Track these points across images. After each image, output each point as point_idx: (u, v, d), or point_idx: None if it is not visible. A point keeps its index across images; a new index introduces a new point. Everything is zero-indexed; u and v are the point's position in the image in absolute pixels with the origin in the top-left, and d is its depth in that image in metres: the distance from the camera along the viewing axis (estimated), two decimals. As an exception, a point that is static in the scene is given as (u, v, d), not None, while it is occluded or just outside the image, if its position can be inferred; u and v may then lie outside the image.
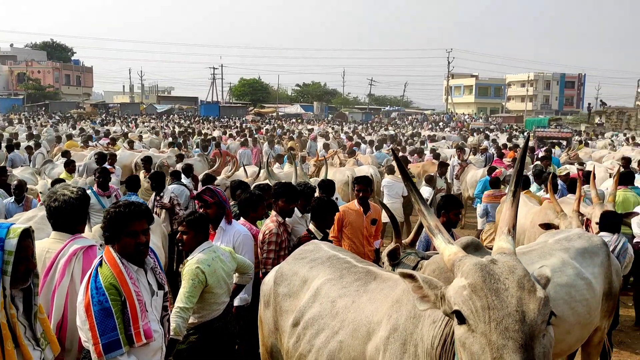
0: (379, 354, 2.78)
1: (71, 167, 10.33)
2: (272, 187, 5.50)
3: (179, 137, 22.02)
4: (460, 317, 2.09)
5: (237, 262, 4.33)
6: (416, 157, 16.07)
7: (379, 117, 63.81)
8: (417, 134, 29.79)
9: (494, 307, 2.00)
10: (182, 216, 4.44)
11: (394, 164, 11.93)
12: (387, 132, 32.80)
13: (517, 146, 19.49)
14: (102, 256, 3.04)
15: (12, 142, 15.86)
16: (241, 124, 38.76)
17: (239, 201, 5.66)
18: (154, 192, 8.17)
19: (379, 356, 2.78)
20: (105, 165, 10.20)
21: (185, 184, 9.08)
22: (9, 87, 72.45)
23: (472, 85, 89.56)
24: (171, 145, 18.37)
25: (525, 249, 4.66)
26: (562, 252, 4.47)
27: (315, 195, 6.15)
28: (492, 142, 22.88)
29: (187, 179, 9.88)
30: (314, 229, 5.14)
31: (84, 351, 3.05)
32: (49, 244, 3.55)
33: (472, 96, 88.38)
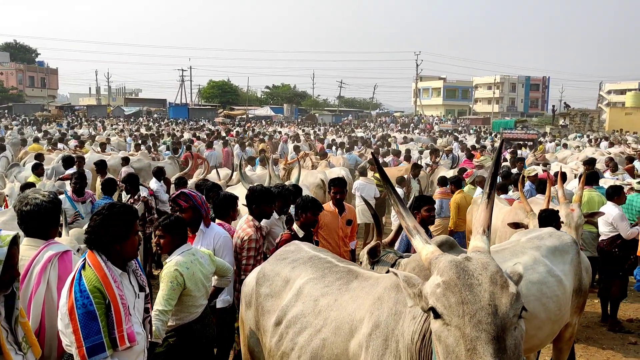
0: (362, 350, 2.84)
1: (39, 170, 10.15)
2: (248, 190, 5.47)
3: (149, 139, 21.77)
4: (435, 312, 2.17)
5: (216, 265, 4.33)
6: (395, 159, 16.22)
7: (349, 119, 64.07)
8: (387, 136, 30.04)
9: (467, 302, 2.08)
10: (156, 219, 4.44)
11: (369, 165, 12.06)
12: (356, 134, 32.99)
13: (484, 147, 19.88)
14: (85, 259, 3.02)
15: (-25, 146, 15.48)
16: (215, 128, 38.40)
17: (214, 202, 5.64)
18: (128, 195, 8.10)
19: (361, 353, 2.84)
20: (72, 168, 10.06)
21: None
22: (-30, 89, 70.57)
23: (440, 87, 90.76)
24: (137, 147, 18.19)
25: (497, 248, 4.78)
26: (534, 250, 4.60)
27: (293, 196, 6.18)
28: (460, 143, 23.26)
29: (158, 182, 9.81)
30: (296, 228, 5.17)
31: (65, 355, 3.03)
32: (22, 250, 3.47)
33: (440, 98, 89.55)
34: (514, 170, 12.06)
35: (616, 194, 7.50)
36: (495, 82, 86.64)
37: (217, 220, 5.44)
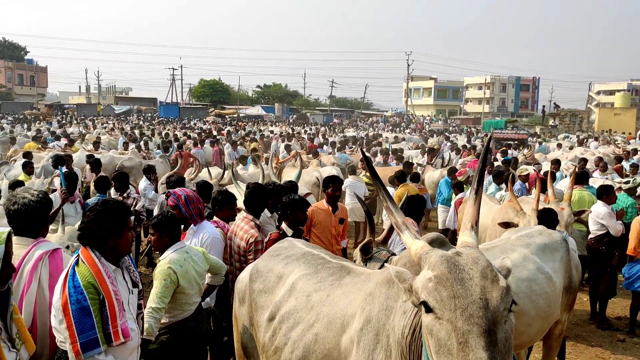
0: (353, 345, 2.86)
1: (29, 168, 10.12)
2: (246, 188, 5.46)
3: (140, 138, 21.70)
4: (427, 307, 2.19)
5: (210, 262, 4.32)
6: (383, 158, 16.29)
7: (340, 119, 64.14)
8: (378, 136, 30.13)
9: (459, 296, 2.11)
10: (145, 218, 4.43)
11: (360, 164, 12.11)
12: (348, 133, 33.06)
13: (474, 147, 19.99)
14: (78, 255, 3.02)
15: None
16: (206, 127, 38.28)
17: (212, 199, 5.64)
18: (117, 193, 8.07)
19: (353, 347, 2.87)
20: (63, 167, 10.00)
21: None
22: (-42, 87, 70.02)
23: (431, 87, 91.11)
24: (125, 145, 18.14)
25: (488, 245, 4.83)
26: (524, 248, 4.64)
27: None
28: (451, 143, 23.38)
29: (147, 180, 9.79)
30: (285, 227, 5.18)
31: (58, 352, 3.04)
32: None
33: (431, 98, 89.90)
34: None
35: (605, 193, 7.59)
36: (485, 82, 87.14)
37: (214, 217, 5.43)
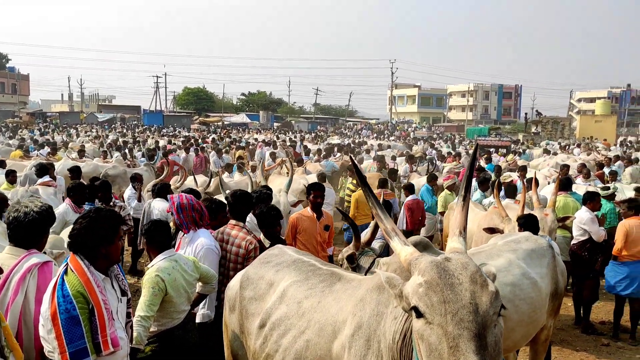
0: (345, 351, 2.88)
1: (12, 177, 9.99)
2: (230, 195, 5.44)
3: (124, 146, 21.55)
4: (417, 312, 2.22)
5: (200, 271, 4.28)
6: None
7: (326, 126, 64.23)
8: (363, 143, 30.21)
9: (449, 301, 2.14)
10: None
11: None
12: (332, 141, 33.11)
13: (459, 154, 20.15)
14: (67, 264, 3.00)
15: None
16: (191, 135, 38.11)
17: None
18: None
19: (344, 353, 2.88)
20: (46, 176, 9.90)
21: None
22: (-63, 95, 69.01)
23: (414, 95, 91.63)
24: (104, 154, 18.01)
25: (474, 251, 4.87)
26: (510, 253, 4.69)
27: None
28: (436, 150, 23.54)
29: (132, 189, 9.71)
30: (262, 239, 5.12)
31: (46, 362, 3.01)
32: (2, 259, 3.43)
33: (415, 106, 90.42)
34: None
35: (591, 199, 7.68)
36: (469, 90, 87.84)
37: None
